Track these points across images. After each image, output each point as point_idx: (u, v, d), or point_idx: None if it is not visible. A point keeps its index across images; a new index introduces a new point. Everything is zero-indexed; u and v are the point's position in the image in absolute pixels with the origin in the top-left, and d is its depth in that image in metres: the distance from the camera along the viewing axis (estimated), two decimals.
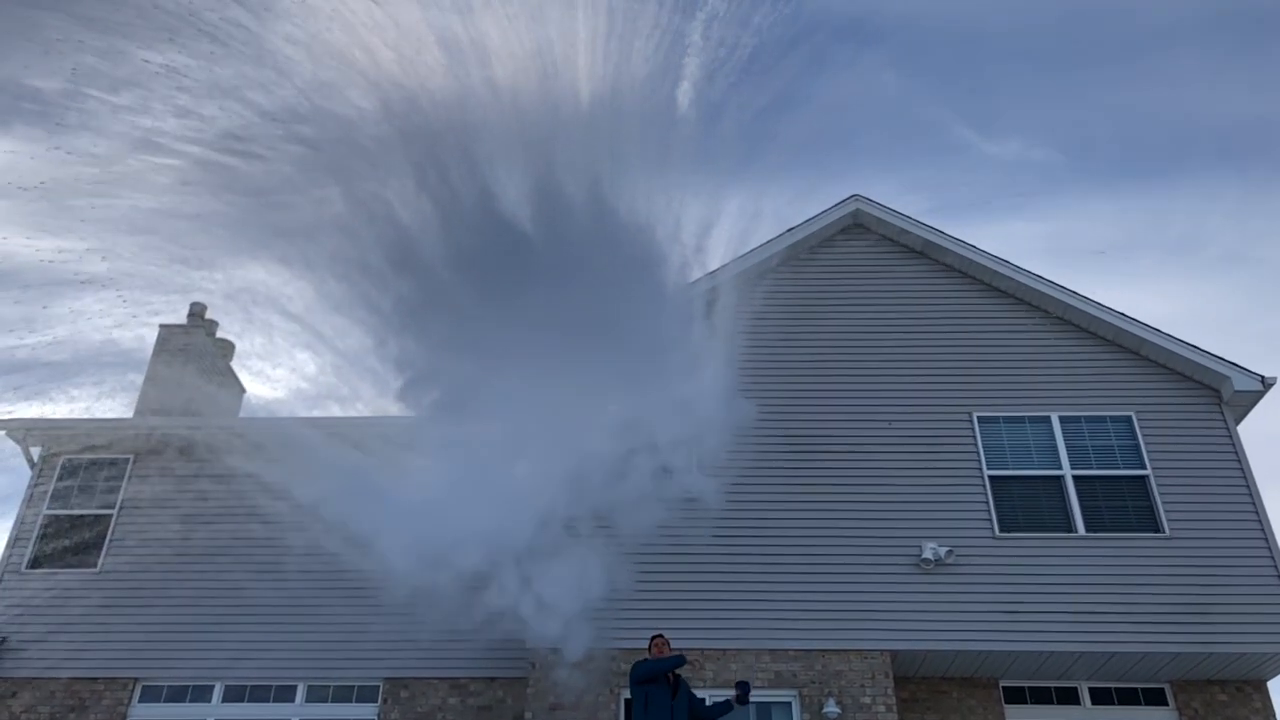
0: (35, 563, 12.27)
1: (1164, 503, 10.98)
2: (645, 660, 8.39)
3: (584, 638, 10.11)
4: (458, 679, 11.29)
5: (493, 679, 11.25)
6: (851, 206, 13.10)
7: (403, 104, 10.83)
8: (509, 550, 11.41)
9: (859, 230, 13.23)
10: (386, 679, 11.34)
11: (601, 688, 10.09)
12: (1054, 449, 11.45)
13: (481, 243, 10.18)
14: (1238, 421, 11.72)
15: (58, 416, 13.01)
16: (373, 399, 12.23)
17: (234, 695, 11.41)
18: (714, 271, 12.21)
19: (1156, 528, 10.88)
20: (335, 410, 12.51)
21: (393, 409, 11.78)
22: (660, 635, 8.66)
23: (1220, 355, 11.62)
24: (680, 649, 10.12)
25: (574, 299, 10.10)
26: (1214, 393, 11.71)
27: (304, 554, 11.09)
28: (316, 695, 11.40)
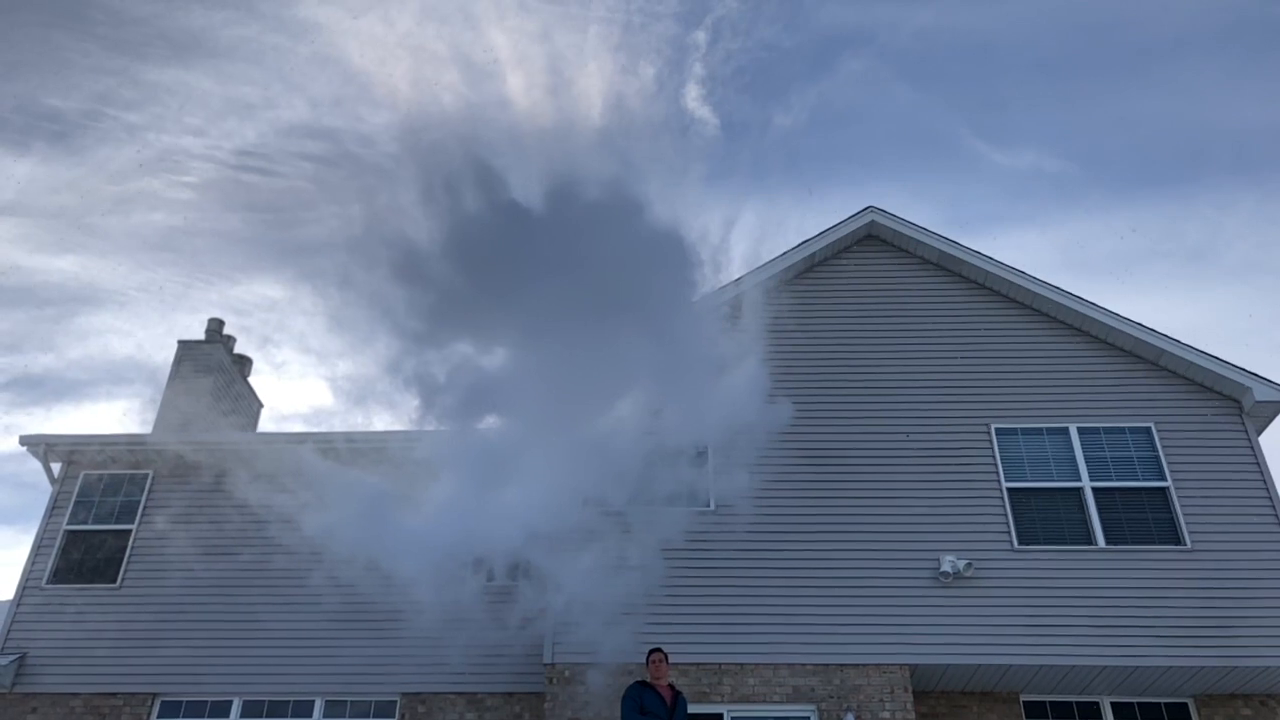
0: (55, 578, 12.35)
1: (1185, 515, 10.88)
2: (636, 689, 8.26)
3: (601, 652, 10.10)
4: (475, 694, 11.27)
5: (510, 694, 11.24)
6: (867, 218, 13.08)
7: (416, 119, 10.91)
8: (524, 562, 11.43)
9: (874, 242, 13.21)
10: (404, 694, 11.34)
11: (618, 702, 10.05)
12: (1073, 461, 11.38)
13: (496, 245, 10.18)
14: (1259, 432, 11.63)
15: (78, 432, 13.11)
16: (389, 423, 12.35)
17: (252, 711, 11.43)
18: (732, 282, 12.22)
19: (1178, 540, 10.79)
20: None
21: (408, 425, 11.84)
22: (659, 650, 8.51)
23: (1240, 365, 11.54)
24: (695, 662, 10.15)
25: (593, 300, 10.07)
26: (1234, 403, 11.62)
27: (323, 570, 11.11)
28: (334, 711, 11.41)
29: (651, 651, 8.50)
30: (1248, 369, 11.51)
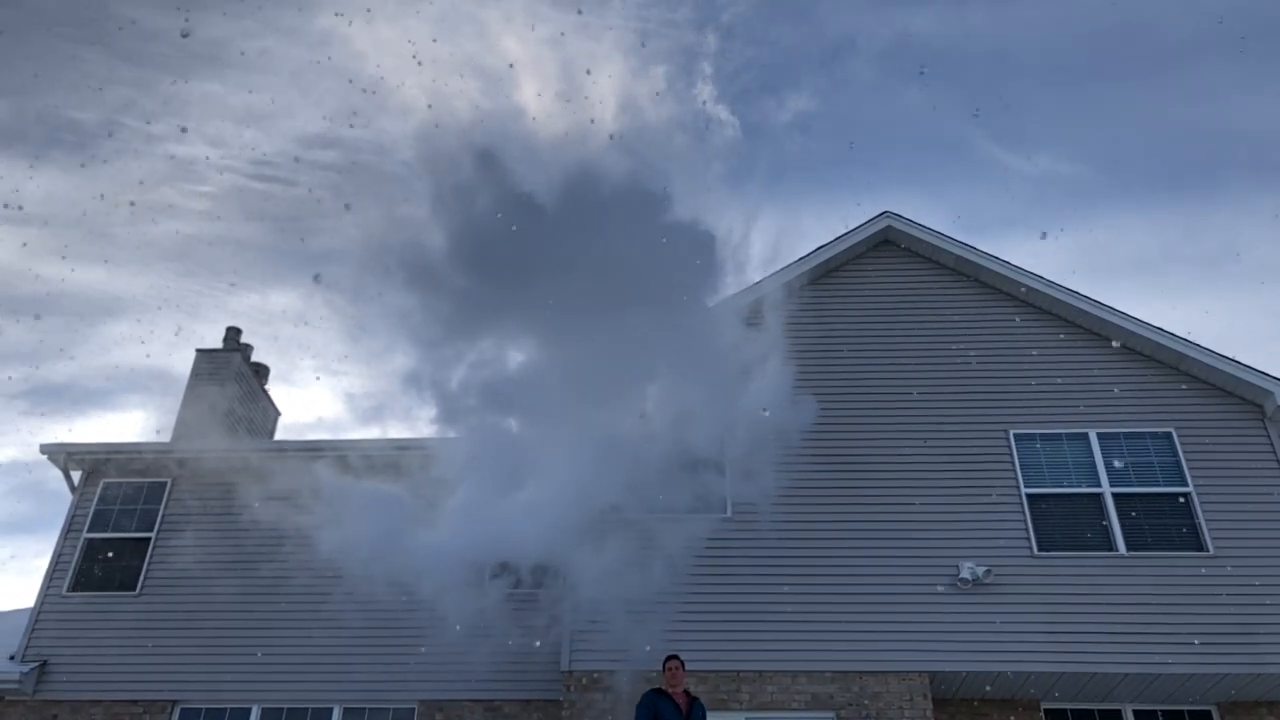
0: (76, 586, 12.41)
1: (1207, 520, 10.79)
2: (651, 697, 8.18)
3: (619, 659, 10.08)
4: (492, 701, 11.26)
5: (527, 701, 11.22)
6: (883, 223, 13.04)
7: (432, 127, 10.98)
8: (541, 569, 11.44)
9: (890, 247, 13.17)
10: (421, 701, 11.34)
11: (635, 709, 10.01)
12: (1092, 466, 11.29)
13: (513, 248, 10.20)
14: None
15: (98, 441, 13.19)
16: (405, 431, 12.39)
17: (271, 718, 11.45)
18: (748, 287, 12.20)
19: (1200, 546, 10.69)
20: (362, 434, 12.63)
21: (427, 431, 11.89)
22: (675, 657, 8.34)
23: (1262, 370, 11.43)
24: (714, 670, 10.11)
25: (612, 301, 10.07)
26: (1257, 408, 11.52)
27: (341, 579, 11.14)
28: (352, 717, 11.42)
29: (668, 659, 8.38)
30: (1270, 373, 11.40)
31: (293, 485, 11.53)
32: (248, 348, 15.97)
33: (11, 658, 11.85)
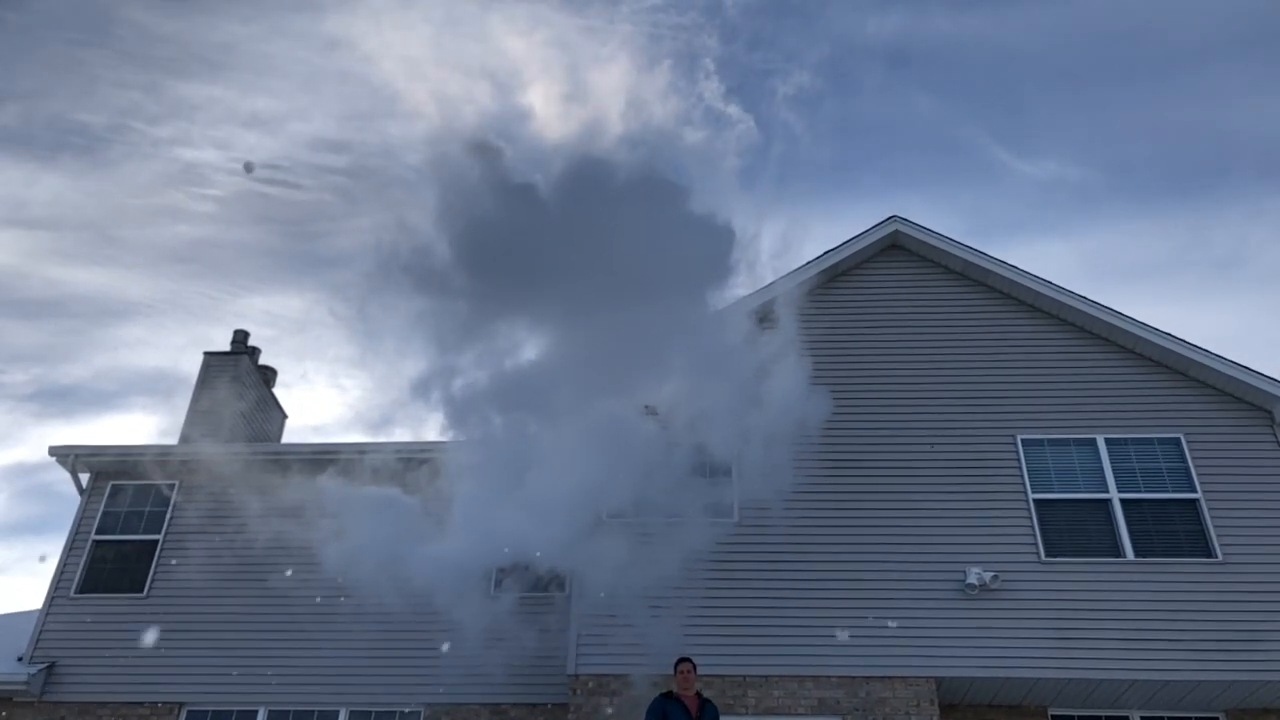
0: (84, 588, 12.45)
1: (1216, 527, 10.75)
2: (659, 702, 8.17)
3: (625, 663, 10.08)
4: (499, 705, 11.26)
5: (534, 705, 11.22)
6: (890, 228, 13.03)
7: (439, 130, 11.01)
8: (548, 574, 11.45)
9: (898, 251, 13.15)
10: (428, 704, 11.34)
11: (642, 713, 10.01)
12: (1100, 472, 11.26)
13: (522, 249, 10.20)
14: None
15: (106, 443, 13.24)
16: (411, 434, 12.42)
17: None
18: (757, 291, 12.19)
19: (1209, 552, 10.66)
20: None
21: (434, 435, 11.91)
22: (687, 660, 8.35)
23: (1271, 375, 11.40)
24: (720, 674, 10.10)
25: (622, 301, 10.06)
26: (1266, 414, 11.48)
27: (348, 582, 11.14)
28: None
29: (679, 661, 8.37)
30: (1278, 378, 11.36)
31: (300, 489, 11.55)
32: (255, 350, 16.02)
33: (20, 659, 11.89)
